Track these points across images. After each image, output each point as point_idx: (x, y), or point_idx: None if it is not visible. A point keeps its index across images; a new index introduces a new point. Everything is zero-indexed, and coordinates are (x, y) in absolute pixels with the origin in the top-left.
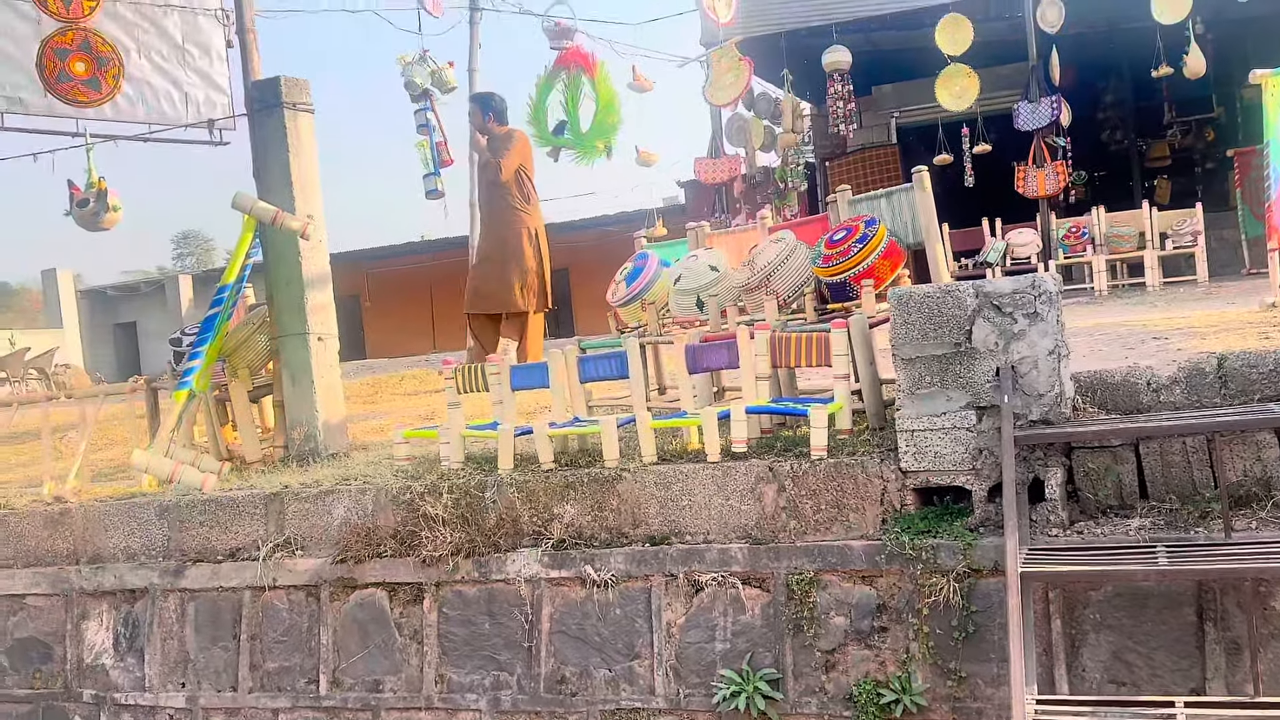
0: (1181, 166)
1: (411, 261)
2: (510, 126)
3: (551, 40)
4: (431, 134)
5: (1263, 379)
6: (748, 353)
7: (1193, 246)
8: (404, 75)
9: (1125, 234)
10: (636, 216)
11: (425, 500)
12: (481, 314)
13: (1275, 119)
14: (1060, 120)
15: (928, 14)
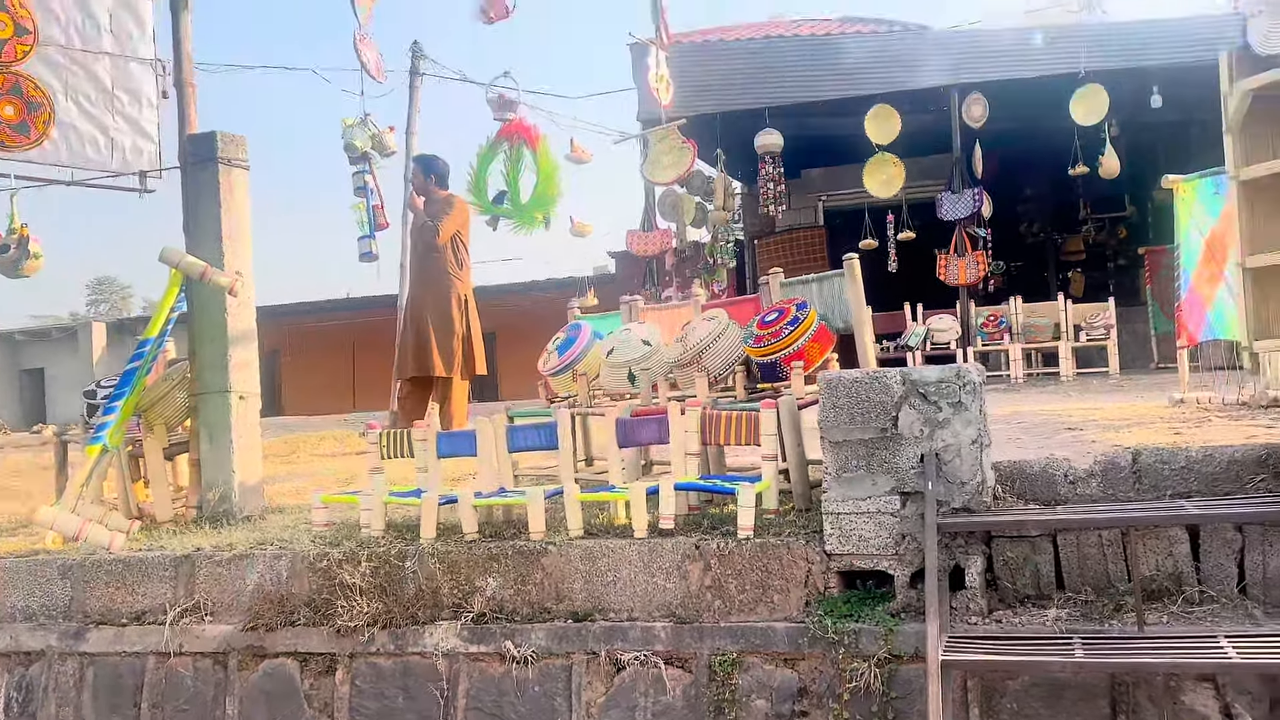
0: (1095, 261)
1: (334, 318)
2: (451, 191)
3: (495, 111)
4: (369, 196)
5: (1174, 475)
6: (678, 429)
7: (1105, 339)
8: (344, 137)
9: (1041, 324)
10: (567, 284)
11: (343, 568)
12: (408, 377)
13: (1186, 223)
14: (981, 212)
15: (857, 103)
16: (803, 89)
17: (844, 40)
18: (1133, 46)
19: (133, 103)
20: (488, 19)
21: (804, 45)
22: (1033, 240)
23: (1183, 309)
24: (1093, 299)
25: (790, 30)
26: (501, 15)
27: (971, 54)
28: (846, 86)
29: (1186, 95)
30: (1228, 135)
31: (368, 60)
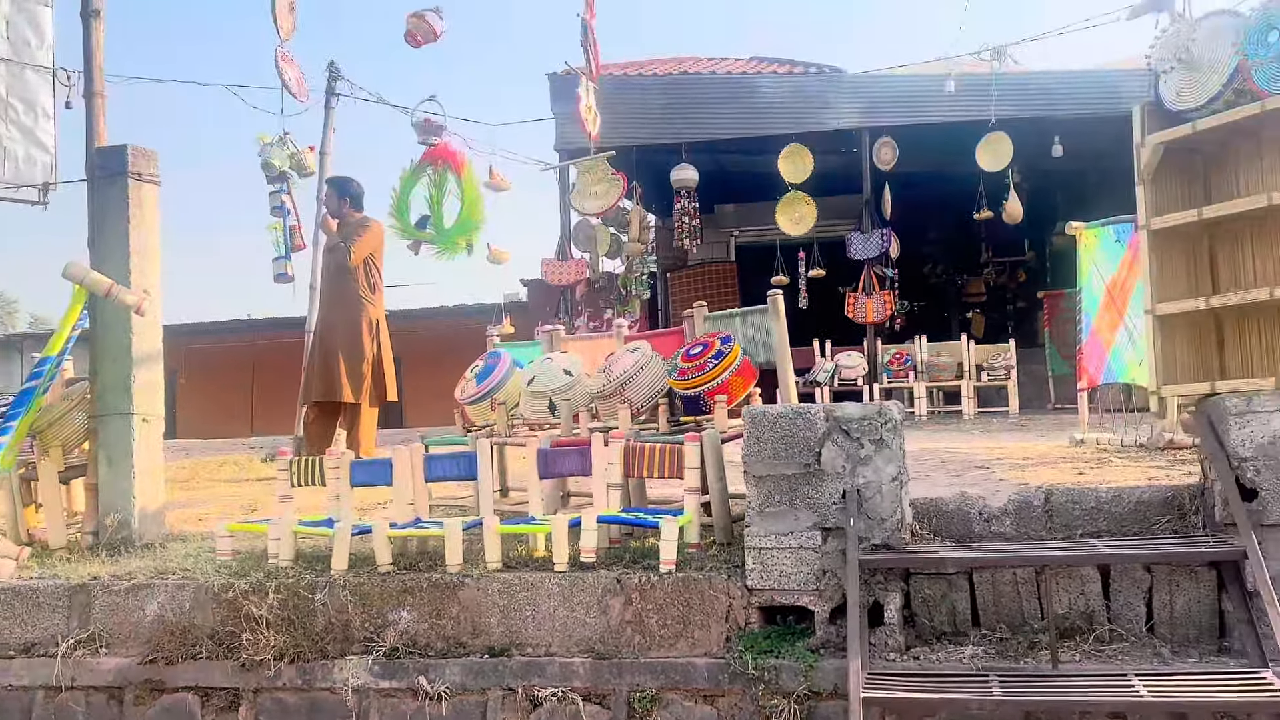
0: (995, 303)
1: (234, 340)
2: (365, 214)
3: (420, 135)
4: (285, 217)
5: (1085, 515)
6: (601, 460)
7: (1005, 380)
8: (261, 156)
9: (945, 363)
10: (476, 311)
11: (249, 599)
12: (315, 402)
13: (1088, 269)
14: (889, 252)
15: (771, 142)
16: (718, 126)
17: (759, 79)
18: (1038, 97)
19: (28, 112)
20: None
21: (720, 83)
22: (936, 281)
23: (1084, 352)
24: (992, 340)
25: (706, 68)
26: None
27: (883, 98)
28: (761, 125)
29: (1086, 145)
30: (1140, 186)
31: (289, 78)
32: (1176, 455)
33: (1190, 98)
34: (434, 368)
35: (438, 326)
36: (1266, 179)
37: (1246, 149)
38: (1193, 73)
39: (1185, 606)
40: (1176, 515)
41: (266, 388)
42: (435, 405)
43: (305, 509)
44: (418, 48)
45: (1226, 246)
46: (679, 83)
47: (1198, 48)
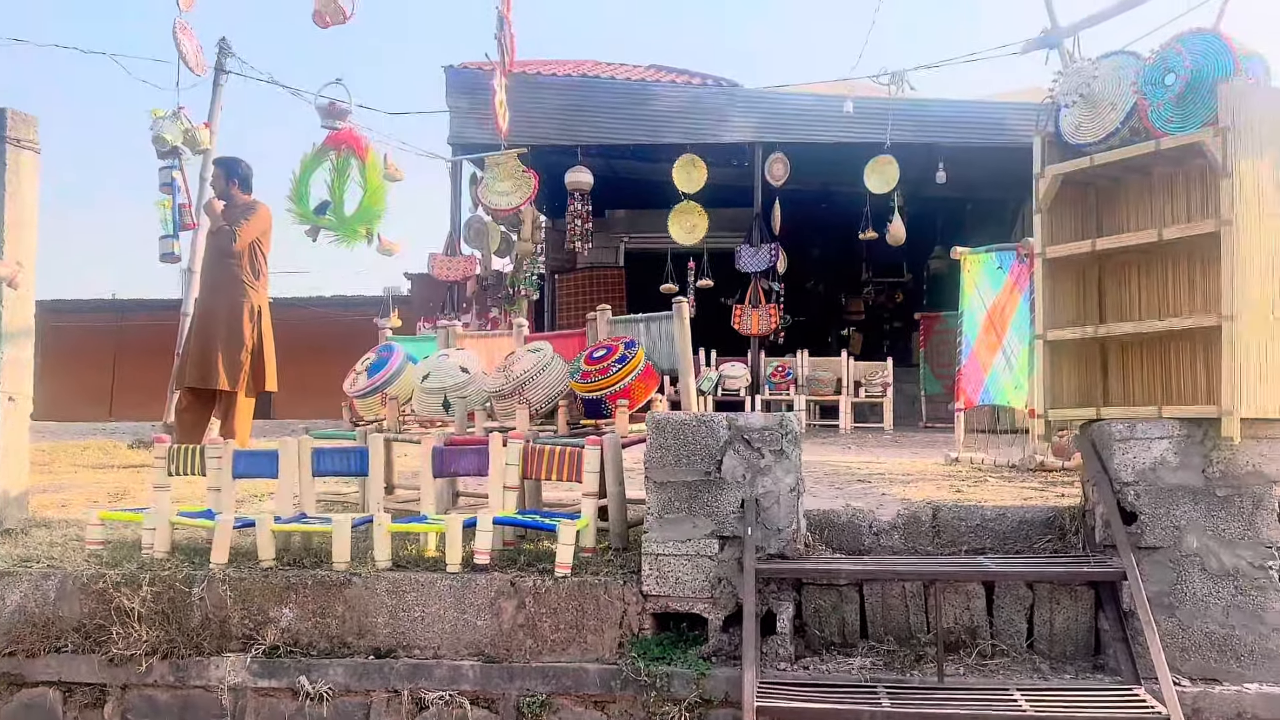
0: (873, 322)
1: (97, 320)
2: (254, 197)
3: (323, 119)
4: (175, 194)
5: (970, 532)
6: (499, 461)
7: (882, 397)
8: (153, 129)
9: (825, 378)
10: (356, 302)
11: (121, 591)
12: (190, 388)
13: (970, 293)
14: (776, 266)
15: (667, 150)
16: (615, 131)
17: (658, 88)
18: (929, 124)
19: None
20: (323, 23)
21: (619, 89)
22: (818, 297)
23: (963, 374)
24: (869, 357)
25: (606, 72)
26: (338, 20)
27: (778, 114)
28: (657, 133)
29: (967, 174)
30: (1038, 215)
31: (186, 50)
32: (1047, 477)
33: (1089, 132)
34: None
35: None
36: (1156, 215)
37: (1139, 185)
38: (1092, 108)
39: (1064, 624)
40: (1057, 535)
41: (129, 370)
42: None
43: (179, 499)
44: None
45: (1115, 277)
46: (578, 85)
47: (1098, 85)
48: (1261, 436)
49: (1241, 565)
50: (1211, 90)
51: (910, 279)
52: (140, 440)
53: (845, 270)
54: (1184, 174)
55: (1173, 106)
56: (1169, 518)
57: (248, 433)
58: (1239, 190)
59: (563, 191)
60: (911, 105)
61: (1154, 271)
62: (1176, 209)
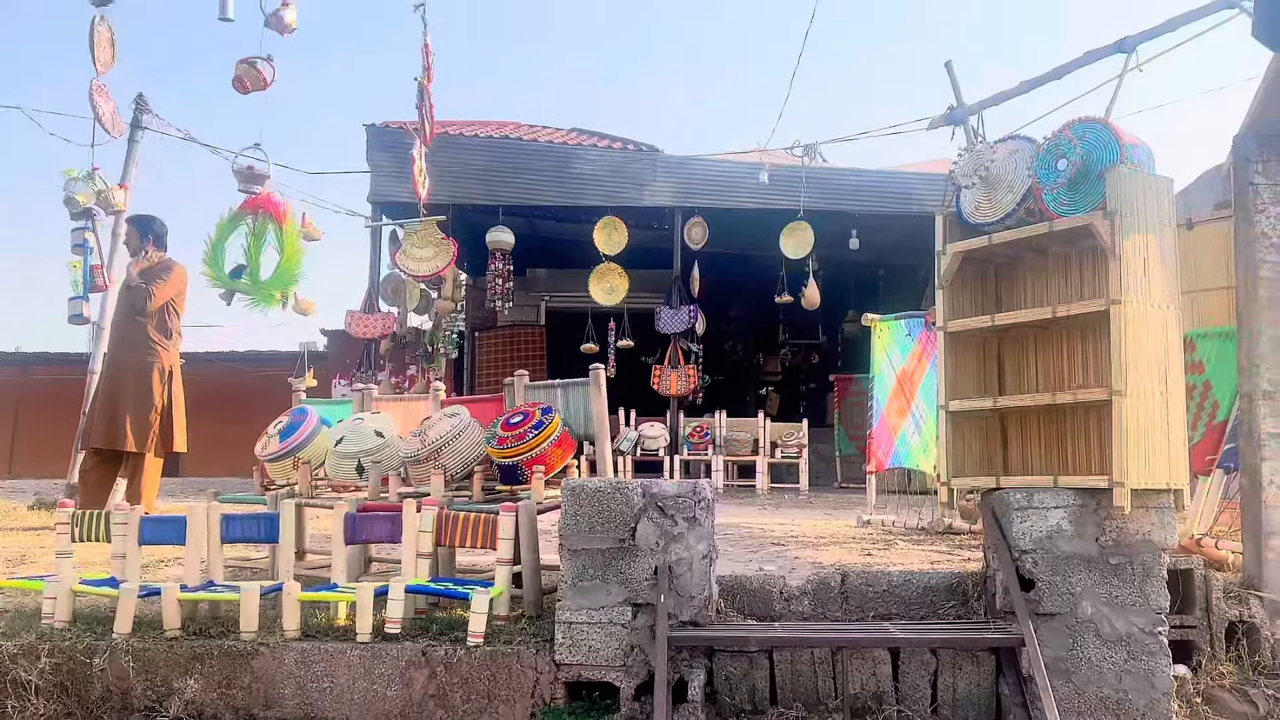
0: (789, 383)
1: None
2: (168, 255)
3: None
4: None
5: (877, 598)
6: (412, 528)
7: (797, 458)
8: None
9: (742, 438)
10: (270, 358)
11: (18, 664)
12: (95, 448)
13: (880, 358)
14: (695, 328)
15: (588, 212)
16: (537, 192)
17: (579, 151)
18: (841, 192)
19: None
20: (243, 89)
21: (540, 150)
22: (735, 358)
23: (873, 437)
24: (785, 418)
25: (528, 134)
26: (258, 86)
27: (697, 180)
28: (578, 195)
29: (878, 240)
30: (939, 290)
31: (103, 111)
32: (956, 540)
33: (988, 212)
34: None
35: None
36: (1052, 291)
37: (1036, 262)
38: (991, 190)
39: (967, 689)
40: (960, 601)
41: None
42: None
43: (83, 564)
44: (245, 94)
45: (1013, 351)
46: (500, 146)
47: (996, 167)
48: (1151, 506)
49: (1134, 631)
50: (1100, 176)
51: (825, 341)
52: (41, 501)
53: (762, 332)
54: (1078, 253)
55: (1065, 190)
56: (1065, 585)
57: (155, 494)
58: (1127, 271)
59: (484, 250)
60: (824, 174)
61: (1051, 345)
62: (1071, 286)
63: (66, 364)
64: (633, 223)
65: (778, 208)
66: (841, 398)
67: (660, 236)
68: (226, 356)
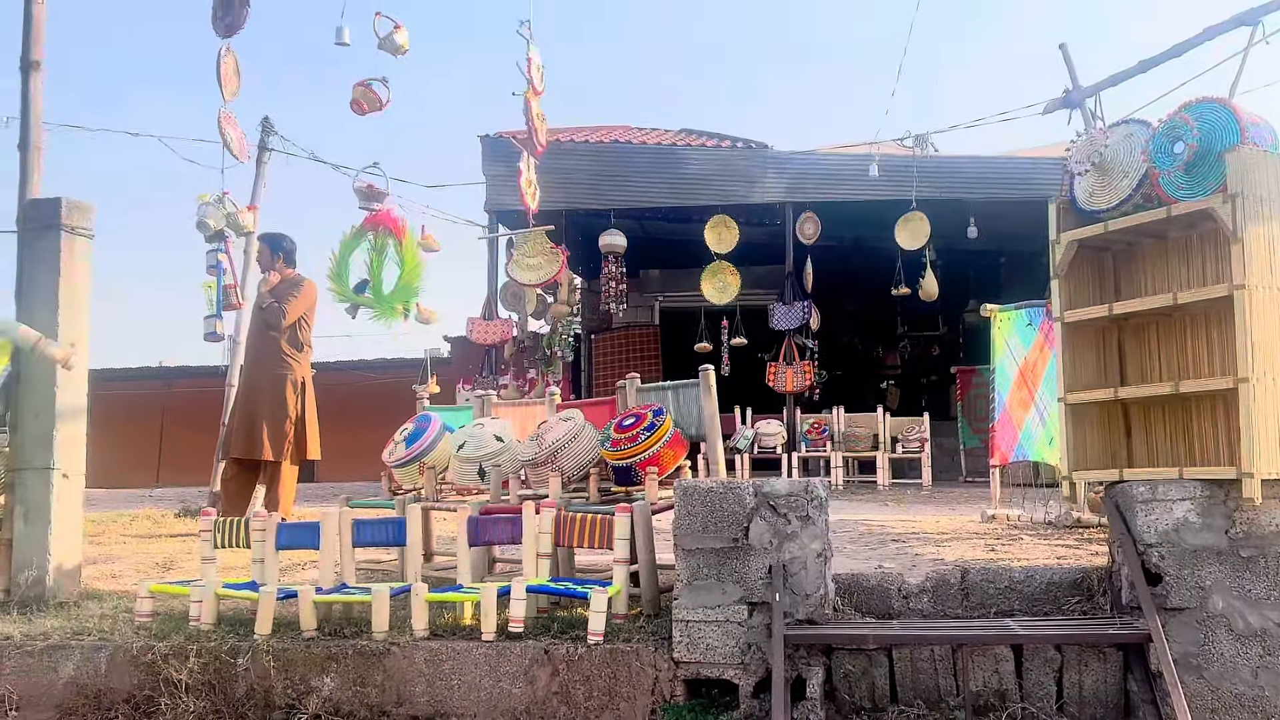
0: (910, 376)
1: (144, 387)
2: (299, 272)
3: (361, 200)
4: (220, 276)
5: (999, 594)
6: (532, 529)
7: (919, 452)
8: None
9: (861, 434)
10: (397, 365)
11: (169, 663)
12: (235, 458)
13: (1001, 349)
14: (810, 323)
15: (698, 211)
16: (647, 194)
17: (688, 151)
18: (956, 181)
19: None
20: (361, 110)
21: (649, 153)
22: (853, 353)
23: (996, 430)
24: (906, 412)
25: (638, 137)
26: (375, 108)
27: (807, 175)
28: (689, 196)
29: (999, 228)
30: (1054, 280)
31: (230, 138)
32: (1084, 534)
33: (1103, 199)
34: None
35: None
36: (1171, 278)
37: (1154, 248)
38: (1105, 176)
39: (1093, 686)
40: (1085, 596)
41: (176, 436)
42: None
43: (225, 567)
44: (362, 115)
45: (1134, 340)
46: (611, 150)
47: (1110, 153)
48: None
49: (1269, 626)
50: (1219, 157)
51: (946, 332)
52: (187, 509)
53: (880, 325)
54: (1199, 237)
55: (1183, 174)
56: (1194, 579)
57: (291, 500)
58: (1251, 254)
59: (597, 253)
60: (939, 163)
61: (1173, 333)
62: (1192, 272)
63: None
64: (743, 220)
65: (891, 199)
66: (964, 390)
67: (772, 233)
68: (357, 365)
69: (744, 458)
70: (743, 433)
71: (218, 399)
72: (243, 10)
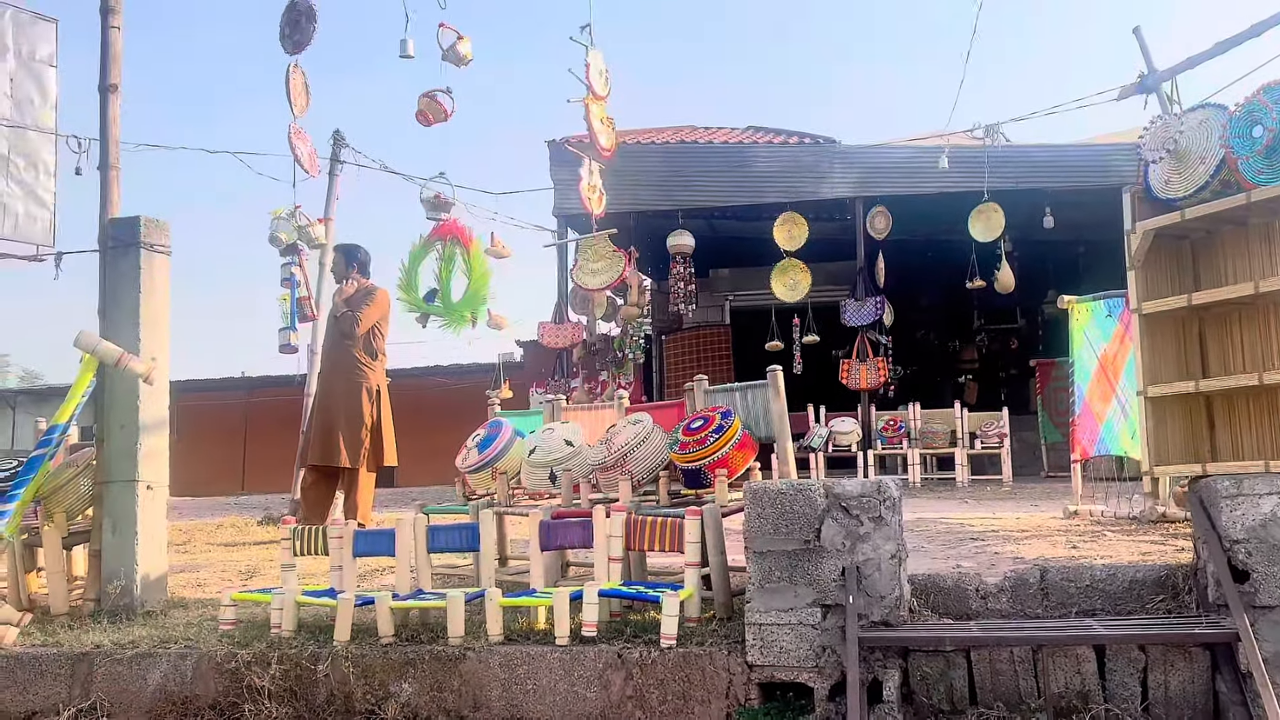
0: (988, 370)
1: (227, 397)
2: (373, 281)
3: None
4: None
5: (1080, 593)
6: (603, 533)
7: (999, 448)
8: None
9: (938, 430)
10: (471, 370)
11: (252, 670)
12: (314, 465)
13: (1079, 341)
14: (883, 319)
15: (767, 209)
16: (715, 194)
17: (755, 149)
18: (1029, 170)
19: (29, 168)
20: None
21: (717, 152)
22: (929, 347)
23: (1076, 424)
24: (985, 406)
25: (704, 137)
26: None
27: (876, 169)
28: (757, 193)
29: (1076, 217)
30: (1131, 271)
31: (301, 153)
32: (1170, 529)
33: (1179, 186)
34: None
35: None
36: (1253, 266)
37: (1234, 236)
38: (1181, 163)
39: (1180, 687)
40: (1170, 594)
41: (258, 444)
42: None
43: (305, 574)
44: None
45: (1215, 330)
46: (677, 151)
47: (1185, 139)
48: None
49: None
50: None
51: (1024, 325)
52: (269, 516)
53: (956, 318)
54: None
55: (1262, 158)
56: None
57: (369, 505)
58: None
59: (666, 254)
60: (1011, 153)
61: (1256, 322)
62: (1275, 259)
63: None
64: (813, 216)
65: (964, 190)
66: (1044, 383)
67: (842, 228)
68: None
69: (818, 457)
70: (817, 431)
71: (297, 407)
72: (309, 28)
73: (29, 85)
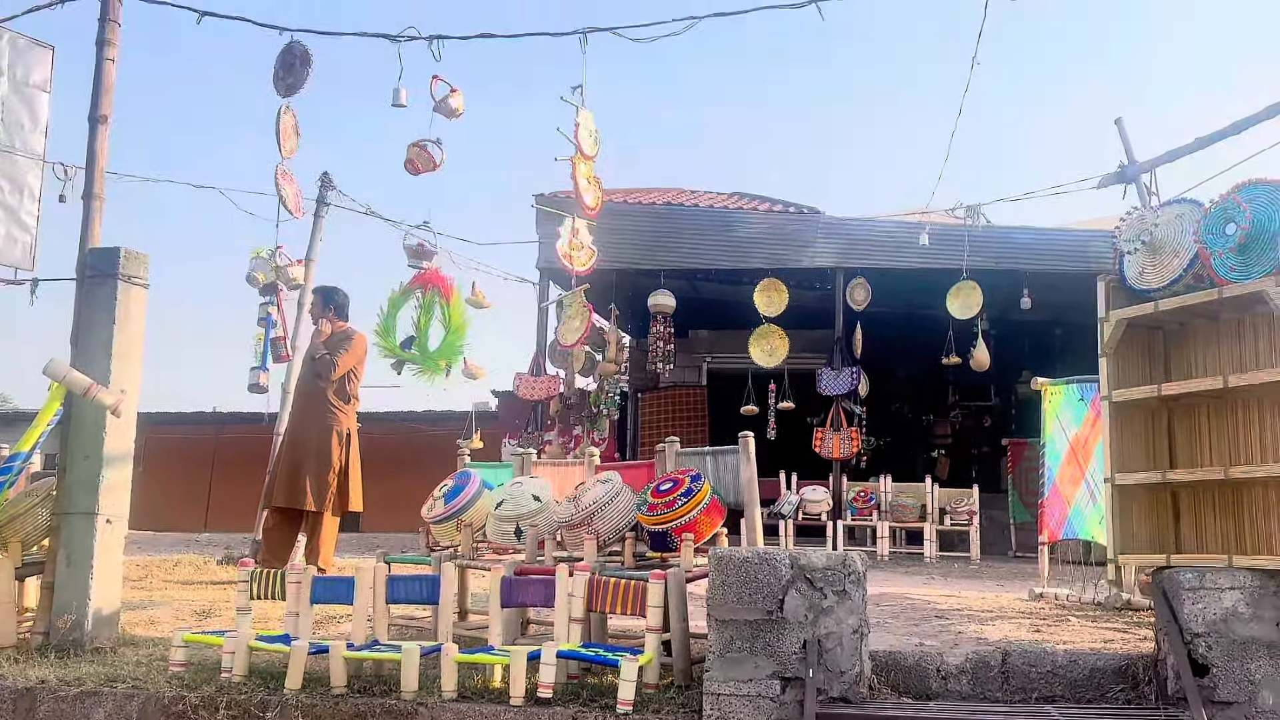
0: (960, 446)
1: (196, 431)
2: (351, 325)
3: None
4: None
5: (1041, 678)
6: (564, 592)
7: (968, 525)
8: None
9: (909, 504)
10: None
11: (199, 714)
12: (277, 507)
13: (1052, 424)
14: (858, 390)
15: (749, 274)
16: (699, 256)
17: (741, 215)
18: (1009, 251)
19: (14, 192)
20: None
21: (702, 215)
22: (902, 420)
23: (1045, 506)
24: (956, 482)
25: (690, 200)
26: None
27: (858, 241)
28: (739, 258)
29: (1053, 299)
30: (1103, 359)
31: (286, 194)
32: (1134, 617)
33: (1153, 278)
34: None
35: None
36: (1223, 360)
37: (1205, 330)
38: (1155, 255)
39: None
40: (1130, 684)
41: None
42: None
43: (263, 617)
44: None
45: (1184, 421)
46: (663, 213)
47: (1160, 232)
48: None
49: None
50: (1273, 239)
51: (998, 403)
52: (230, 556)
53: (931, 393)
54: (1251, 319)
55: (1235, 255)
56: (1242, 672)
57: (332, 551)
58: None
59: (645, 311)
60: (991, 233)
61: (1224, 416)
62: (1245, 353)
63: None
64: (793, 283)
65: (944, 267)
66: (1015, 463)
67: (822, 297)
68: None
69: (788, 524)
70: (787, 498)
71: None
72: (304, 71)
73: (20, 109)
